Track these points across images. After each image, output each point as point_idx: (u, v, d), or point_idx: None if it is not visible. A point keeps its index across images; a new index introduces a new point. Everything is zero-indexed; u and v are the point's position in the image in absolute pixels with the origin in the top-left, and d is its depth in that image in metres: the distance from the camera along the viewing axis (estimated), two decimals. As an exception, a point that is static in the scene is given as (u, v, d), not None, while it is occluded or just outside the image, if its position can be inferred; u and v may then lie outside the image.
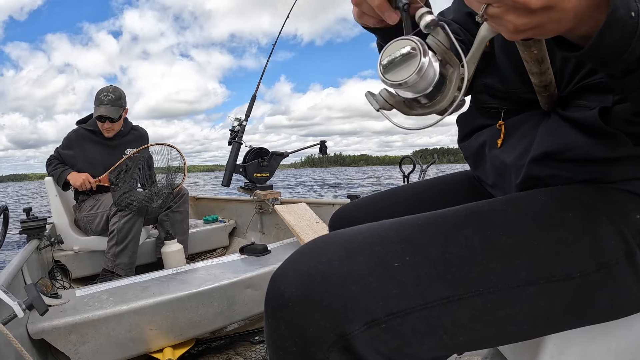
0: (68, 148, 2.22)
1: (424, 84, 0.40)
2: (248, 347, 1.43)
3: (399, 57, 0.40)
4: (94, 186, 2.10)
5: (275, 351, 0.43)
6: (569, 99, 0.54)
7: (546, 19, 0.35)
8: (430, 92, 0.41)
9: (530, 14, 0.34)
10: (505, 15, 0.35)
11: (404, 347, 0.40)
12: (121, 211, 1.99)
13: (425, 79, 0.40)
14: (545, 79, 0.50)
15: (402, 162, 2.53)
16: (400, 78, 0.40)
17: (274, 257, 1.60)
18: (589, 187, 0.50)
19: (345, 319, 0.39)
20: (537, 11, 0.34)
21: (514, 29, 0.36)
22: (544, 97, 0.54)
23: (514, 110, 0.62)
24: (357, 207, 0.83)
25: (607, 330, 0.55)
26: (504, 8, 0.35)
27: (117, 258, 1.95)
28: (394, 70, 0.41)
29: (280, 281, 0.43)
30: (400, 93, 0.44)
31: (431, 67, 0.40)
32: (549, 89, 0.52)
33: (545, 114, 0.57)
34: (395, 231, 0.46)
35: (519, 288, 0.43)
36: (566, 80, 0.54)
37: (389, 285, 0.41)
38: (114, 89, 2.20)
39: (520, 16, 0.35)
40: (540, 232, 0.46)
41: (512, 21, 0.35)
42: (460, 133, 0.76)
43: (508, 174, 0.61)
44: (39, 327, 1.02)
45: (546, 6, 0.33)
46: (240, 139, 2.37)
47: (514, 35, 0.37)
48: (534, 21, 0.35)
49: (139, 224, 2.02)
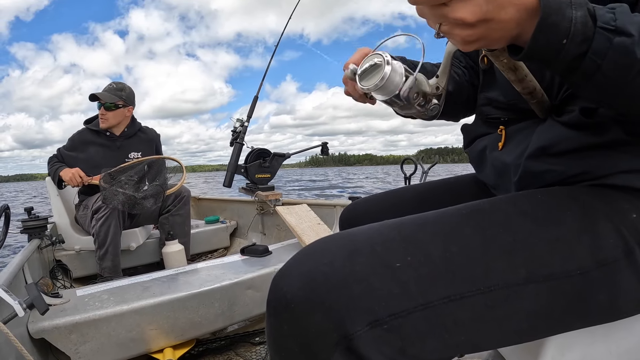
0: (72, 149, 2.19)
1: (391, 86, 0.50)
2: (248, 348, 1.43)
3: (368, 68, 0.51)
4: (85, 181, 2.03)
5: (277, 351, 0.43)
6: (562, 106, 0.57)
7: (488, 30, 0.40)
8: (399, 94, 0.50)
9: (471, 27, 0.40)
10: (453, 30, 0.41)
11: (407, 348, 0.41)
12: (96, 213, 1.95)
13: (391, 82, 0.49)
14: (527, 85, 0.54)
15: (404, 164, 2.53)
16: (370, 84, 0.50)
17: (275, 258, 1.60)
18: (587, 188, 0.52)
19: (347, 320, 0.39)
20: (476, 24, 0.39)
21: (462, 41, 0.42)
22: (534, 105, 0.58)
23: (515, 120, 0.65)
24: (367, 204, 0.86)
25: (608, 332, 0.55)
26: (450, 25, 0.41)
27: (102, 262, 1.93)
28: (366, 78, 0.51)
29: (283, 282, 0.43)
30: (375, 95, 0.53)
31: (395, 73, 0.49)
32: (536, 95, 0.56)
33: (542, 121, 0.60)
34: (396, 231, 0.46)
35: (519, 286, 0.44)
36: (556, 88, 0.57)
37: (390, 286, 0.41)
38: (119, 83, 2.21)
39: (464, 30, 0.40)
40: (540, 230, 0.46)
41: (459, 34, 0.41)
42: (465, 140, 0.80)
43: (508, 173, 0.63)
44: (40, 326, 1.02)
45: (482, 19, 0.39)
46: (242, 140, 2.37)
47: (466, 46, 0.42)
48: (477, 33, 0.40)
49: (115, 227, 1.95)
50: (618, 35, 0.39)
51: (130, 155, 2.20)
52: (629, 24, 0.39)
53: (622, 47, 0.39)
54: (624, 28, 0.39)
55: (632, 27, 0.39)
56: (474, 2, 0.38)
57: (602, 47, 0.39)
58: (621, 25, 0.39)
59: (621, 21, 0.39)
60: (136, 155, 2.22)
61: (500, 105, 0.68)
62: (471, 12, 0.38)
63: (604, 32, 0.39)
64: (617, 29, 0.39)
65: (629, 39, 0.39)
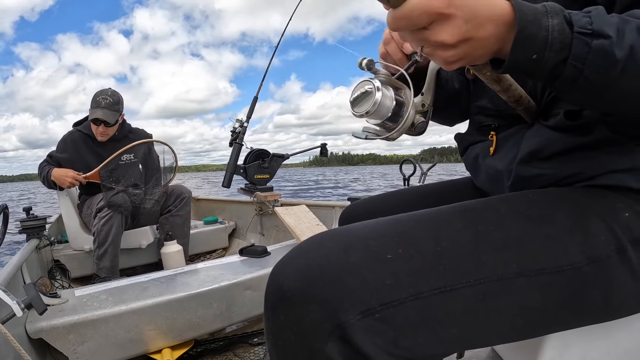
0: (64, 151, 2.15)
1: (383, 110, 0.52)
2: (247, 349, 1.43)
3: (360, 95, 0.53)
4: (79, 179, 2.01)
5: (274, 343, 0.44)
6: (547, 110, 0.58)
7: (469, 49, 0.41)
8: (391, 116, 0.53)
9: (452, 48, 0.41)
10: (435, 52, 0.42)
11: (400, 339, 0.41)
12: (100, 212, 1.94)
13: (383, 107, 0.52)
14: (511, 94, 0.55)
15: (403, 164, 2.53)
16: (363, 110, 0.53)
17: (273, 259, 1.60)
18: (580, 188, 0.53)
19: (340, 309, 0.40)
20: (457, 45, 0.40)
21: (445, 61, 0.43)
22: (521, 111, 0.59)
23: (505, 126, 0.67)
24: (367, 205, 0.87)
25: (607, 332, 0.55)
26: (432, 47, 0.42)
27: (100, 261, 1.92)
28: (358, 104, 0.54)
29: (280, 274, 0.44)
30: (368, 120, 0.55)
31: (386, 98, 0.52)
32: (522, 102, 0.57)
33: (531, 126, 0.61)
34: (390, 227, 0.48)
35: (510, 279, 0.44)
36: (539, 93, 0.59)
37: (382, 277, 0.42)
38: (112, 93, 2.12)
39: (445, 51, 0.41)
40: (531, 227, 0.47)
41: (441, 56, 0.42)
42: (459, 148, 0.82)
43: (501, 179, 0.64)
44: (38, 326, 1.02)
45: (462, 40, 0.40)
46: (242, 140, 2.37)
47: (449, 66, 0.43)
48: (459, 53, 0.41)
49: (117, 227, 1.95)
50: (596, 38, 0.39)
51: (123, 157, 2.16)
52: (606, 25, 0.39)
53: (601, 49, 0.39)
54: (601, 30, 0.39)
55: (609, 29, 0.39)
56: (453, 23, 0.39)
57: (582, 51, 0.40)
58: (598, 28, 0.39)
59: (597, 24, 0.39)
60: (128, 157, 2.17)
61: (490, 112, 0.70)
62: (451, 34, 0.40)
63: (581, 36, 0.39)
64: (594, 32, 0.39)
65: (607, 41, 0.39)
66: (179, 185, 2.34)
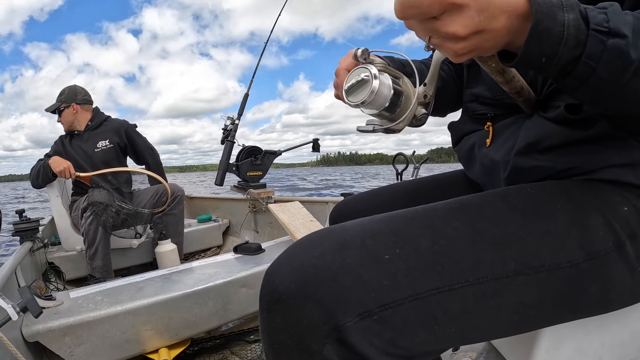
0: (55, 151, 2.27)
1: (380, 100, 0.49)
2: (243, 347, 1.44)
3: (355, 83, 0.50)
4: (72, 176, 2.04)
5: (270, 345, 0.43)
6: (547, 101, 0.57)
7: (480, 41, 0.39)
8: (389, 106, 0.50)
9: (463, 40, 0.39)
10: (444, 43, 0.40)
11: (398, 339, 0.41)
12: (85, 212, 1.96)
13: (380, 96, 0.49)
14: (514, 86, 0.53)
15: (396, 160, 2.55)
16: (358, 99, 0.49)
17: (268, 256, 1.61)
18: (578, 182, 0.52)
19: (338, 311, 0.39)
20: (468, 37, 0.38)
21: (454, 54, 0.41)
22: (521, 102, 0.57)
23: (502, 115, 0.65)
24: (358, 201, 0.85)
25: (602, 324, 0.55)
26: (441, 39, 0.40)
27: (93, 261, 1.94)
28: (354, 93, 0.50)
29: (275, 275, 0.43)
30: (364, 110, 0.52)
31: (384, 86, 0.49)
32: (523, 94, 0.55)
33: (529, 116, 0.59)
34: (386, 225, 0.47)
35: (508, 278, 0.44)
36: (540, 84, 0.57)
37: (380, 277, 0.41)
38: (64, 89, 2.34)
39: (456, 43, 0.39)
40: (529, 223, 0.46)
41: (451, 48, 0.40)
42: (453, 138, 0.79)
43: (497, 170, 0.63)
44: (34, 329, 1.02)
45: (474, 32, 0.38)
46: (233, 138, 2.37)
47: (457, 58, 0.41)
48: (469, 45, 0.39)
49: None
50: (612, 37, 0.38)
51: (98, 144, 2.29)
52: (622, 24, 0.38)
53: (616, 49, 0.38)
54: (617, 29, 0.38)
55: (626, 28, 0.38)
56: (466, 14, 0.37)
57: (596, 50, 0.38)
58: (614, 26, 0.38)
59: (614, 22, 0.38)
60: (104, 143, 2.30)
61: (486, 101, 0.68)
62: (463, 26, 0.37)
63: (597, 34, 0.38)
64: (610, 30, 0.38)
65: (623, 40, 0.37)
66: (172, 184, 2.34)
